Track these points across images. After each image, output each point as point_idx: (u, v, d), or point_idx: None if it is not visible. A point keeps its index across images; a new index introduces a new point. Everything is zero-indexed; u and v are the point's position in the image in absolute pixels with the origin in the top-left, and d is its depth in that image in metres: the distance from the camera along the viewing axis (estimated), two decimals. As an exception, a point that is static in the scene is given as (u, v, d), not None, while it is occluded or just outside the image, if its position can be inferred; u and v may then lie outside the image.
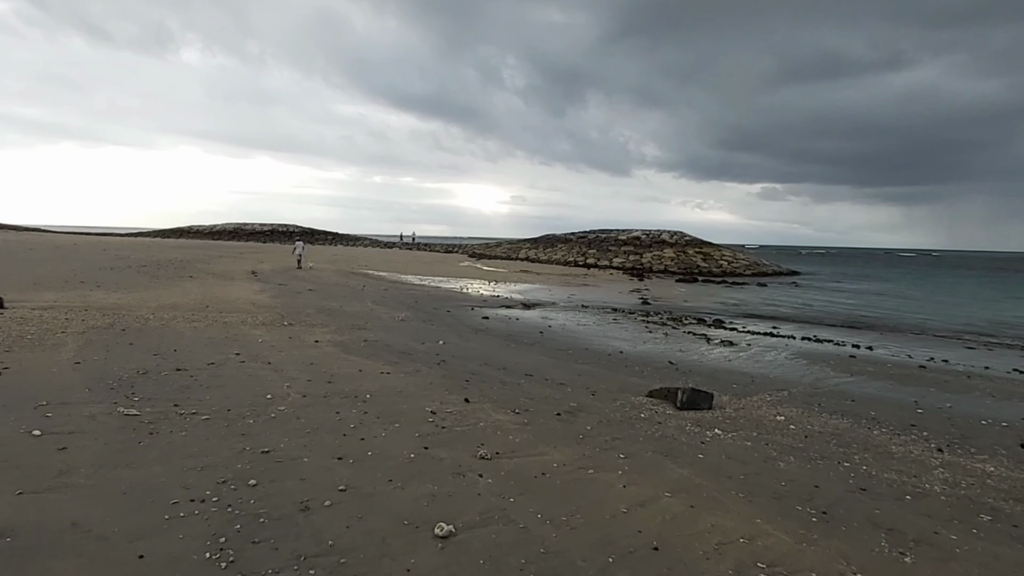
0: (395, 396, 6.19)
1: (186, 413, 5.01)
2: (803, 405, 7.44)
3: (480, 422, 5.44)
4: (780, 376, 9.33)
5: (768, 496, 4.25)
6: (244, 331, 9.93)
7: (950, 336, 15.78)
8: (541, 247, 53.23)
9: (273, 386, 6.21)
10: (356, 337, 10.19)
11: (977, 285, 39.94)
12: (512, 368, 8.50)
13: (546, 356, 9.89)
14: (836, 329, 16.24)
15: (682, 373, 9.12)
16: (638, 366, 9.50)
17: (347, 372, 7.28)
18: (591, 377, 8.33)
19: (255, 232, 73.79)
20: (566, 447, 4.92)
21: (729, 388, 8.18)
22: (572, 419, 5.88)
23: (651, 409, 6.60)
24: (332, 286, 19.98)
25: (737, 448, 5.37)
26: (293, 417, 5.15)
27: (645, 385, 7.99)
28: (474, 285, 25.12)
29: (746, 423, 6.34)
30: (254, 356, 7.82)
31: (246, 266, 26.17)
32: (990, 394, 8.88)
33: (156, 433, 4.48)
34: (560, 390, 7.29)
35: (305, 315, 12.50)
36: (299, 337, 9.77)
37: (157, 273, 19.86)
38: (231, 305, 13.14)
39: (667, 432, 5.69)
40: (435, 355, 9.09)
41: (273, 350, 8.40)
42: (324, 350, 8.77)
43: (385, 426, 5.09)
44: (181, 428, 4.63)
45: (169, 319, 10.57)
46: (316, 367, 7.43)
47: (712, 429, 5.94)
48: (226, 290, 16.34)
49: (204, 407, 5.24)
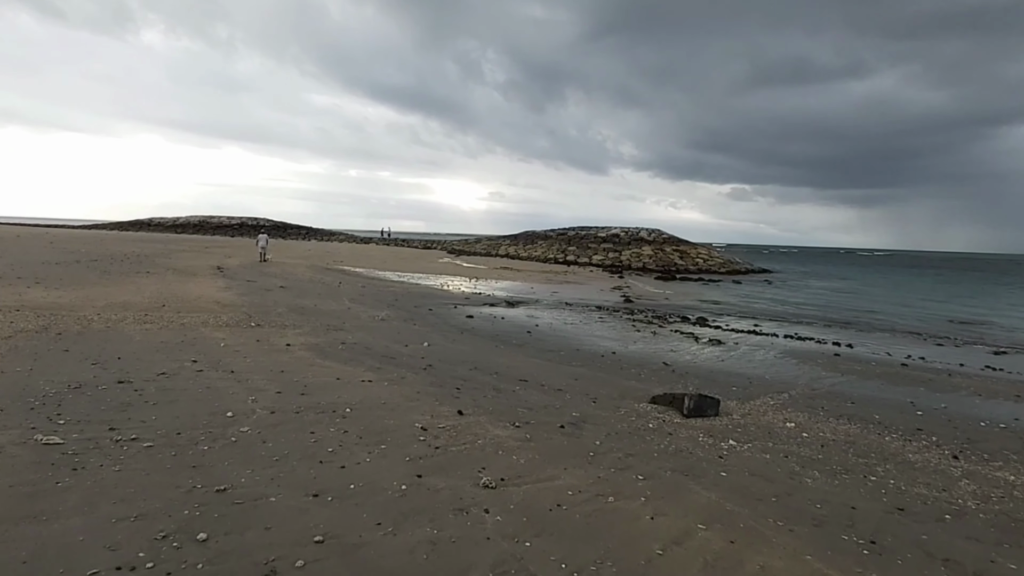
0: (379, 409, 5.47)
1: (124, 439, 4.18)
2: (807, 409, 7.03)
3: (478, 439, 4.77)
4: (776, 377, 8.93)
5: (808, 523, 3.73)
6: (204, 333, 9.03)
7: (918, 333, 15.84)
8: (521, 244, 52.67)
9: (235, 400, 5.42)
10: (333, 339, 9.38)
11: (930, 283, 41.34)
12: (504, 373, 7.84)
13: (538, 358, 9.25)
14: (814, 327, 16.12)
15: (679, 376, 8.60)
16: (633, 368, 8.95)
17: (323, 381, 6.51)
18: (588, 381, 7.73)
19: (222, 225, 71.04)
20: (577, 468, 4.30)
21: (730, 391, 7.69)
22: (577, 432, 5.26)
23: (658, 418, 6.04)
24: (305, 283, 18.98)
25: (758, 463, 4.84)
26: (258, 440, 4.38)
27: (644, 389, 7.43)
28: (455, 282, 24.36)
29: (758, 432, 5.84)
30: (214, 363, 6.98)
31: (211, 261, 24.84)
32: (976, 393, 8.76)
33: (81, 469, 3.64)
34: (558, 397, 6.66)
35: (275, 315, 11.60)
36: (268, 340, 8.92)
37: (109, 268, 18.54)
38: (192, 304, 12.14)
39: (680, 445, 5.13)
40: (420, 359, 8.36)
41: (237, 356, 7.55)
42: (297, 355, 7.96)
43: (369, 448, 4.37)
44: (115, 460, 3.80)
45: (116, 320, 9.58)
46: (287, 375, 6.64)
47: (726, 440, 5.41)
48: (187, 287, 15.24)
49: (147, 430, 4.42)
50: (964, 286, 39.13)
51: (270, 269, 22.93)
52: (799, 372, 9.45)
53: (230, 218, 73.90)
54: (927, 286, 38.15)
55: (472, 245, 57.74)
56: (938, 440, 6.06)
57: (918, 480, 4.73)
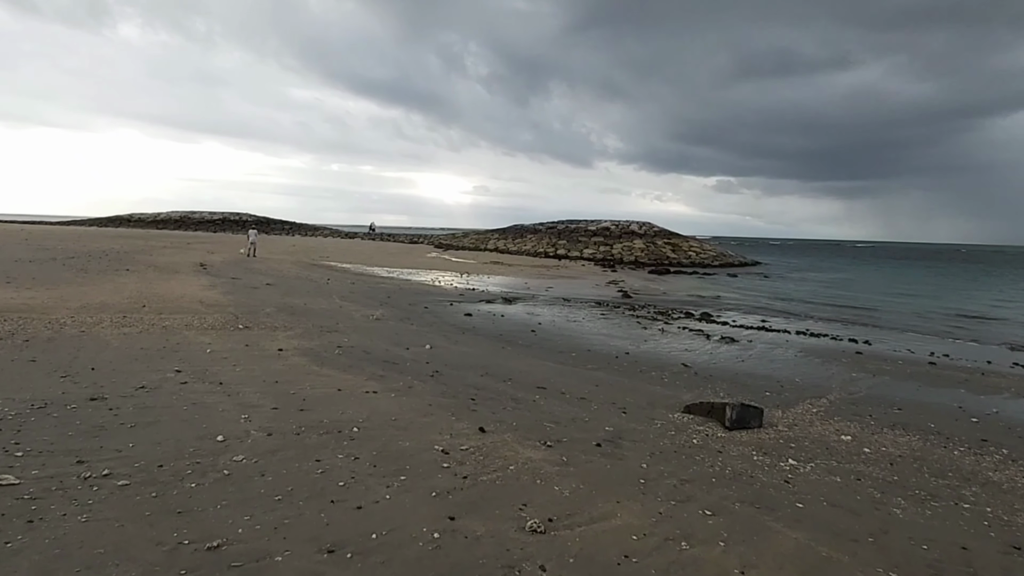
0: (390, 428, 4.81)
1: (94, 476, 3.48)
2: (854, 417, 6.48)
3: (509, 464, 4.14)
4: (807, 380, 8.38)
5: (925, 573, 3.14)
6: (188, 338, 8.29)
7: (930, 328, 15.51)
8: (510, 238, 51.96)
9: (226, 420, 4.73)
10: (328, 342, 8.69)
11: (923, 275, 41.47)
12: (518, 379, 7.22)
13: (550, 361, 8.64)
14: (823, 322, 15.69)
15: (703, 379, 8.05)
16: (653, 371, 8.38)
17: (323, 393, 5.84)
18: (610, 388, 7.13)
19: (204, 221, 69.76)
20: (631, 500, 3.69)
21: (763, 397, 7.14)
22: (617, 451, 4.66)
23: (698, 431, 5.46)
24: (293, 279, 18.17)
25: (831, 488, 4.26)
26: (256, 473, 3.71)
27: (673, 396, 6.86)
28: (446, 278, 23.65)
29: (813, 447, 5.28)
30: (200, 374, 6.27)
31: (194, 258, 23.89)
32: (1018, 395, 8.30)
33: (39, 520, 2.94)
34: (584, 407, 6.05)
35: (264, 315, 10.86)
36: (258, 344, 8.21)
37: (87, 266, 17.57)
38: (174, 304, 11.34)
39: (736, 466, 4.54)
40: (425, 363, 7.71)
41: (226, 363, 6.84)
42: (291, 361, 7.27)
43: (387, 480, 3.72)
44: (81, 507, 3.10)
45: (92, 324, 8.80)
46: (283, 387, 5.95)
47: (784, 459, 4.84)
48: (169, 285, 14.39)
49: (123, 463, 3.73)
50: (960, 278, 39.25)
51: (255, 266, 22.06)
52: (828, 373, 8.93)
53: (212, 213, 72.71)
54: (922, 278, 38.22)
55: (460, 239, 56.92)
56: (1011, 454, 5.52)
57: (1016, 508, 4.17)
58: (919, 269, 49.18)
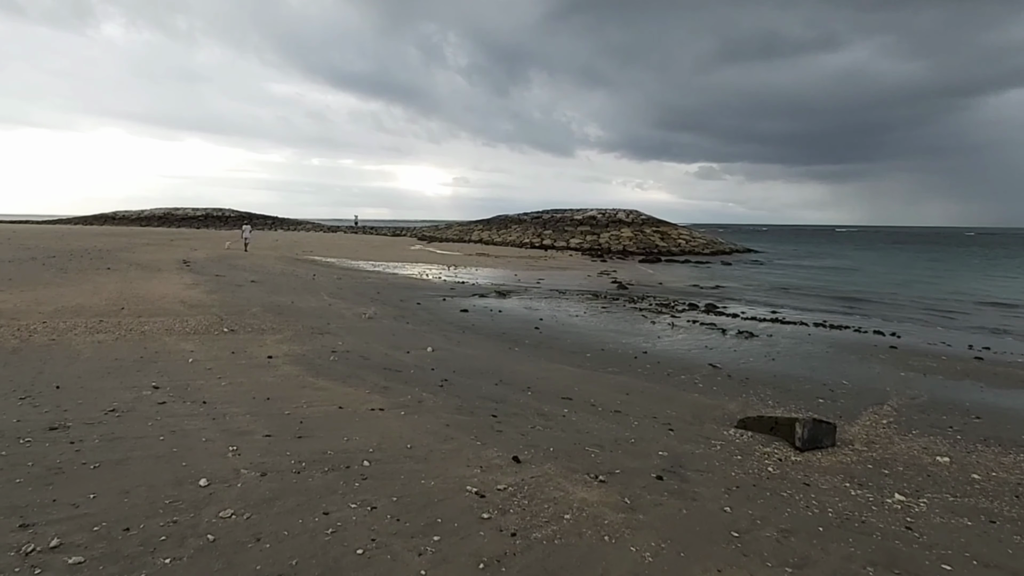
0: (407, 460, 4.04)
1: (38, 550, 2.66)
2: (932, 429, 5.68)
3: (563, 511, 3.39)
4: (856, 382, 7.51)
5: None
6: (169, 345, 7.42)
7: (950, 316, 15.02)
8: (495, 228, 51.04)
9: (210, 454, 3.92)
10: (320, 347, 7.87)
11: (920, 259, 41.31)
12: (538, 387, 6.48)
13: (565, 363, 7.92)
14: (838, 313, 15.12)
15: (738, 382, 7.39)
16: (681, 373, 7.69)
17: (322, 411, 5.04)
18: (643, 396, 6.43)
19: (188, 217, 68.65)
20: (735, 569, 2.91)
21: (816, 405, 6.49)
22: (686, 487, 3.93)
23: (767, 453, 4.71)
24: (278, 276, 17.20)
25: (968, 537, 3.47)
26: (248, 537, 2.91)
27: (716, 406, 6.18)
28: (434, 270, 22.81)
29: (910, 473, 4.49)
30: (181, 390, 5.43)
31: (177, 255, 22.74)
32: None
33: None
34: (622, 423, 5.34)
35: (250, 316, 9.98)
36: (245, 350, 7.37)
37: (67, 265, 16.45)
38: (155, 306, 10.41)
39: (836, 506, 3.76)
40: (430, 370, 6.94)
41: (210, 376, 6.00)
42: (283, 371, 6.45)
43: (417, 543, 2.95)
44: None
45: (65, 330, 7.90)
46: (276, 405, 5.14)
47: (888, 492, 4.04)
48: (150, 285, 13.40)
49: (79, 525, 2.91)
50: (958, 261, 39.00)
51: (239, 262, 21.02)
52: (872, 373, 8.17)
53: (195, 209, 71.66)
54: (923, 263, 37.95)
55: (443, 231, 55.87)
56: None
57: None
58: (914, 253, 49.01)
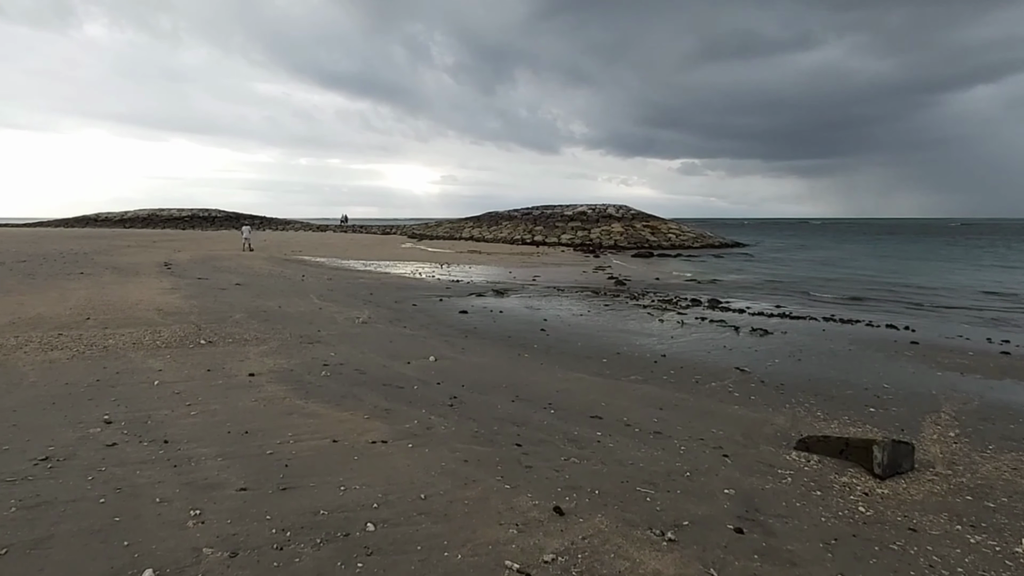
0: (424, 520, 3.23)
1: None
2: (1009, 443, 4.94)
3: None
4: (899, 386, 6.76)
5: None
6: (134, 363, 6.52)
7: (953, 308, 14.56)
8: (485, 225, 50.28)
9: (163, 524, 3.06)
10: (310, 359, 7.02)
11: (912, 250, 41.39)
12: (560, 403, 5.70)
13: (583, 372, 7.15)
14: (842, 306, 14.63)
15: (773, 388, 6.69)
16: (711, 380, 6.97)
17: (312, 447, 4.21)
18: (679, 412, 5.67)
19: (172, 218, 67.35)
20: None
21: (866, 414, 5.78)
22: (773, 542, 3.17)
23: (847, 486, 3.92)
24: (265, 277, 16.23)
25: None
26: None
27: (763, 420, 5.45)
28: (426, 269, 21.95)
29: (1016, 506, 3.76)
30: (139, 424, 4.55)
31: (158, 257, 21.61)
32: None
33: None
34: (667, 449, 4.57)
35: (232, 324, 9.09)
36: (223, 367, 6.49)
37: (36, 271, 15.33)
38: (125, 315, 9.46)
39: (959, 560, 3.01)
40: (436, 384, 6.14)
41: (178, 403, 5.13)
42: (266, 392, 5.59)
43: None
44: None
45: (14, 347, 6.97)
46: (255, 441, 4.30)
47: (1013, 538, 3.31)
48: (125, 290, 12.40)
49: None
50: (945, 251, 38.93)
51: (225, 263, 19.99)
52: (908, 374, 7.43)
53: (180, 210, 70.30)
54: (915, 253, 37.93)
55: (433, 229, 54.91)
56: None
57: None
58: (900, 244, 49.33)
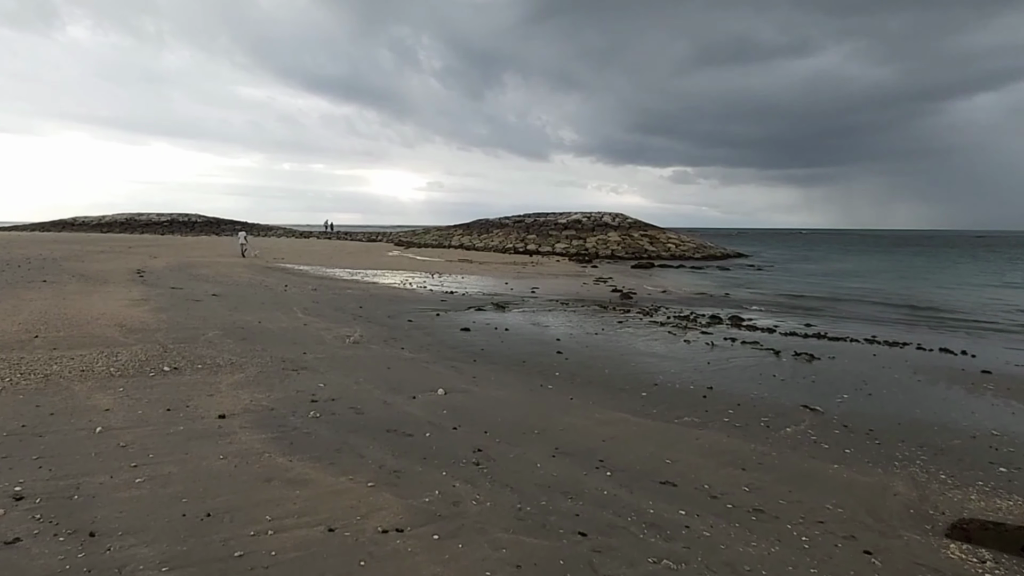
0: None
1: None
2: None
3: None
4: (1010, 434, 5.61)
5: None
6: (77, 398, 5.23)
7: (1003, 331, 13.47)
8: (475, 233, 48.97)
9: None
10: (295, 393, 5.77)
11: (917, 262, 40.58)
12: (614, 460, 4.50)
13: (625, 411, 5.95)
14: (876, 323, 13.56)
15: (861, 435, 5.53)
16: (782, 423, 5.78)
17: (300, 544, 2.97)
18: (768, 474, 4.49)
19: (151, 223, 65.56)
20: None
21: (996, 474, 4.65)
22: None
23: None
24: (244, 287, 14.88)
25: None
26: None
27: (878, 487, 4.28)
28: (417, 279, 20.65)
29: None
30: (59, 503, 3.27)
31: (132, 264, 20.15)
32: None
33: None
34: (785, 541, 3.39)
35: (204, 343, 7.81)
36: (187, 404, 5.22)
37: None
38: (81, 331, 8.15)
39: None
40: (451, 429, 4.93)
41: (121, 463, 3.85)
42: (237, 444, 4.33)
43: None
44: None
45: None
46: (218, 532, 3.04)
47: None
48: (88, 301, 11.05)
49: None
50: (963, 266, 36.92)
51: (202, 272, 18.61)
52: (1008, 416, 6.26)
53: (160, 215, 68.50)
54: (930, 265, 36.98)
55: (421, 236, 53.58)
56: None
57: None
58: (910, 256, 48.23)
